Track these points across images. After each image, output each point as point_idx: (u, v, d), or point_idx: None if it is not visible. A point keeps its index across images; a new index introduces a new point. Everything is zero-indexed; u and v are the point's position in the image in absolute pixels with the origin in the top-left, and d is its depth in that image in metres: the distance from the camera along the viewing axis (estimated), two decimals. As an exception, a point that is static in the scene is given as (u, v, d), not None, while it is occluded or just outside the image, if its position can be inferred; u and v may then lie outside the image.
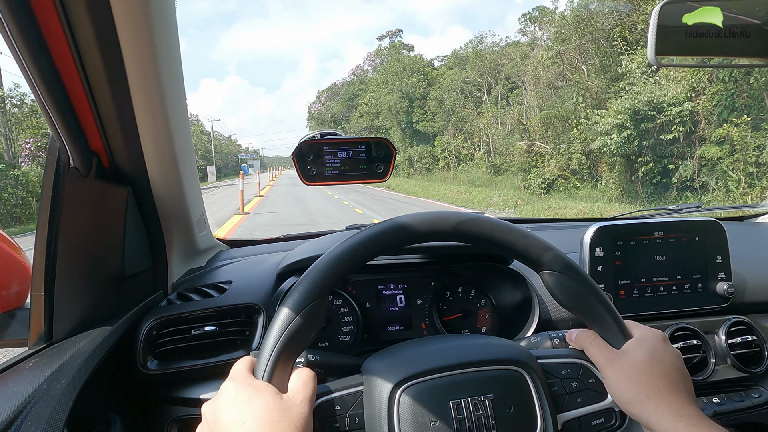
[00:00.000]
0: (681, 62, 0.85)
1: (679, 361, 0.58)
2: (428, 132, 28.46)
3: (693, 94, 10.07)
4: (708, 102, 9.79)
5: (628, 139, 10.61)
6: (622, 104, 10.55)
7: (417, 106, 29.82)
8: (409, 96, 30.40)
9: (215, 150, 56.11)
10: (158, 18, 0.65)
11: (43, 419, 0.52)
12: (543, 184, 15.09)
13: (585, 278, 0.60)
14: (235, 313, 0.85)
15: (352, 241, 0.57)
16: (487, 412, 0.54)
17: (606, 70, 13.30)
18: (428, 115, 28.37)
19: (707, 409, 0.93)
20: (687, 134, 10.14)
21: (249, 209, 12.11)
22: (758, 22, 0.78)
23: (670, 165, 10.61)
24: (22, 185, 11.08)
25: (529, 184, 15.67)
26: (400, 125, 31.18)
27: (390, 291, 1.02)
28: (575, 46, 14.01)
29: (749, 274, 1.07)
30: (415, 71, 31.69)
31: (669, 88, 10.27)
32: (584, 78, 13.78)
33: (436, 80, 29.71)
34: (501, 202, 13.66)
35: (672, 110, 9.97)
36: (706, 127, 10.00)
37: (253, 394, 0.49)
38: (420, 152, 28.49)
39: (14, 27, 0.52)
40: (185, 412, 0.80)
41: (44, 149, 13.21)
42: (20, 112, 13.75)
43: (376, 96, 35.41)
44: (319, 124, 49.71)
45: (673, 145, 10.45)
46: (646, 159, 10.79)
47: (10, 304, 0.73)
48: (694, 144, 10.24)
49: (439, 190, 19.01)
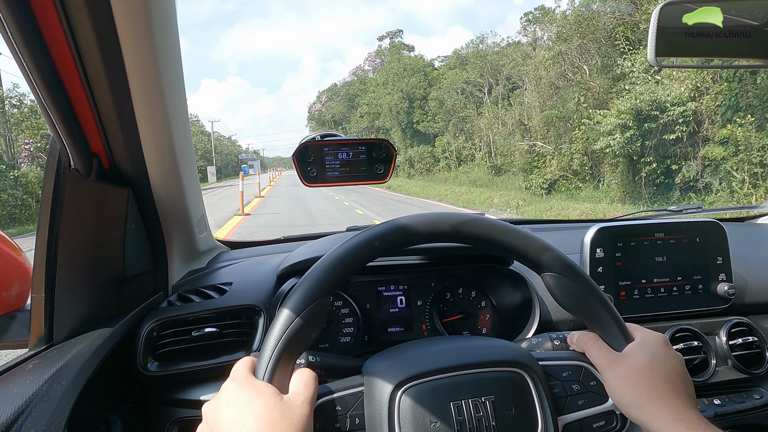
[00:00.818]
0: (681, 63, 0.85)
1: (681, 364, 0.58)
2: (429, 132, 28.38)
3: (696, 94, 9.94)
4: (712, 102, 9.64)
5: (630, 140, 10.50)
6: (625, 104, 10.46)
7: (417, 107, 29.74)
8: (409, 96, 30.30)
9: (215, 151, 56.06)
10: (159, 19, 0.65)
11: (43, 421, 0.52)
12: (544, 185, 14.94)
13: (586, 280, 0.60)
14: (236, 315, 0.85)
15: (353, 242, 0.58)
16: (487, 414, 0.54)
17: (608, 69, 13.21)
18: (429, 115, 28.29)
19: (708, 411, 0.92)
20: (690, 134, 10.02)
21: (249, 210, 12.09)
22: (758, 24, 0.78)
23: (674, 165, 10.50)
24: (21, 186, 11.04)
25: (530, 184, 15.50)
26: (401, 126, 31.06)
27: (390, 292, 1.02)
28: (577, 45, 13.94)
29: (750, 275, 1.06)
30: (415, 71, 31.62)
31: (672, 87, 10.16)
32: (586, 78, 13.72)
33: (436, 80, 29.57)
34: (502, 202, 13.62)
35: (675, 110, 9.87)
36: (709, 127, 9.85)
37: (254, 395, 0.49)
38: (421, 153, 28.38)
39: (15, 28, 0.52)
40: (185, 414, 0.79)
41: (44, 150, 13.17)
42: (20, 112, 13.72)
43: (376, 96, 35.28)
44: (320, 125, 49.43)
45: (677, 146, 10.34)
46: (649, 159, 10.69)
47: (11, 306, 0.73)
48: (697, 144, 10.10)
49: (440, 190, 18.93)
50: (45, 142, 13.42)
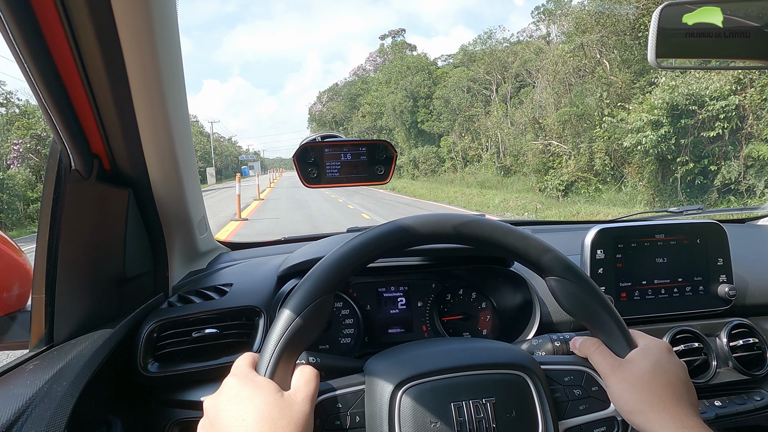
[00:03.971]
0: (680, 64, 0.85)
1: (684, 372, 0.58)
2: (434, 132, 27.75)
3: (739, 87, 8.97)
4: (757, 95, 8.68)
5: (664, 137, 9.46)
6: (658, 98, 9.50)
7: (422, 106, 29.05)
8: (413, 95, 29.64)
9: (215, 152, 55.81)
10: (159, 20, 0.65)
11: (43, 421, 0.52)
12: (560, 186, 14.06)
13: (590, 285, 0.60)
14: (236, 316, 0.85)
15: (356, 242, 0.58)
16: (488, 415, 0.54)
17: (629, 64, 12.34)
18: (434, 114, 27.65)
19: (709, 412, 0.92)
20: (732, 131, 9.01)
21: (247, 214, 11.58)
22: (758, 25, 0.78)
23: (712, 166, 9.47)
24: (7, 189, 10.54)
25: (545, 186, 14.67)
26: (405, 125, 30.41)
27: (391, 293, 1.02)
28: (598, 37, 13.03)
29: (751, 276, 1.06)
30: (419, 69, 30.84)
31: (711, 80, 9.09)
32: (607, 72, 12.90)
33: (441, 79, 28.87)
34: (519, 206, 12.95)
35: (715, 105, 8.84)
36: (754, 123, 8.83)
37: (255, 391, 0.49)
38: (425, 153, 27.75)
39: (16, 30, 0.52)
40: (186, 415, 0.79)
41: (34, 151, 12.87)
42: (9, 112, 13.40)
43: (379, 95, 34.51)
44: (320, 126, 48.95)
45: (715, 144, 9.32)
46: (684, 159, 9.64)
47: (11, 307, 0.73)
48: (739, 142, 9.09)
49: (449, 192, 18.14)
50: (36, 142, 13.12)
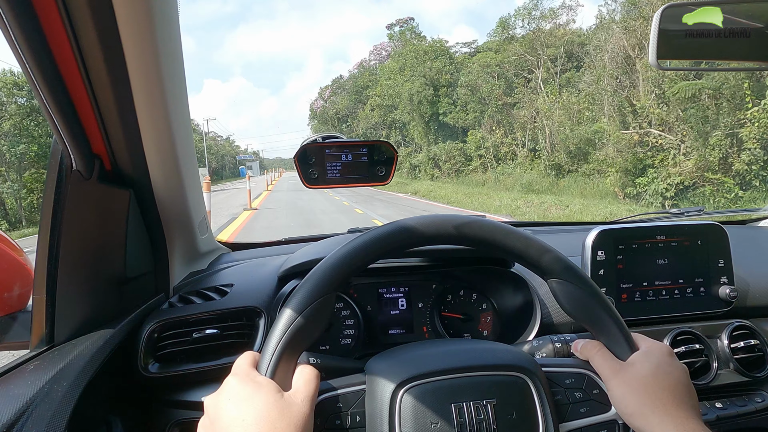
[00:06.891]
0: (680, 65, 0.85)
1: (685, 375, 0.58)
2: (458, 125, 23.08)
3: None
4: None
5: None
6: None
7: (444, 95, 24.17)
8: (433, 83, 24.67)
9: (209, 151, 54.31)
10: (161, 21, 0.65)
11: (44, 422, 0.52)
12: (669, 191, 10.27)
13: (592, 287, 0.60)
14: (237, 316, 0.85)
15: (356, 243, 0.58)
16: (488, 417, 0.54)
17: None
18: (458, 105, 22.91)
19: (710, 414, 0.92)
20: None
21: (231, 235, 7.99)
22: (759, 25, 0.78)
23: None
24: None
25: (639, 191, 10.96)
26: (423, 118, 25.49)
27: (391, 294, 1.01)
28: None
29: (752, 277, 1.06)
30: (438, 54, 25.93)
31: None
32: None
33: (463, 64, 24.25)
34: None
35: None
36: None
37: (255, 391, 0.49)
38: (448, 150, 23.08)
39: (18, 31, 0.52)
40: (186, 415, 0.79)
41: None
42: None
43: (392, 84, 28.98)
44: (322, 123, 46.47)
45: None
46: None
47: (12, 307, 0.74)
48: None
49: (502, 198, 13.60)
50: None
